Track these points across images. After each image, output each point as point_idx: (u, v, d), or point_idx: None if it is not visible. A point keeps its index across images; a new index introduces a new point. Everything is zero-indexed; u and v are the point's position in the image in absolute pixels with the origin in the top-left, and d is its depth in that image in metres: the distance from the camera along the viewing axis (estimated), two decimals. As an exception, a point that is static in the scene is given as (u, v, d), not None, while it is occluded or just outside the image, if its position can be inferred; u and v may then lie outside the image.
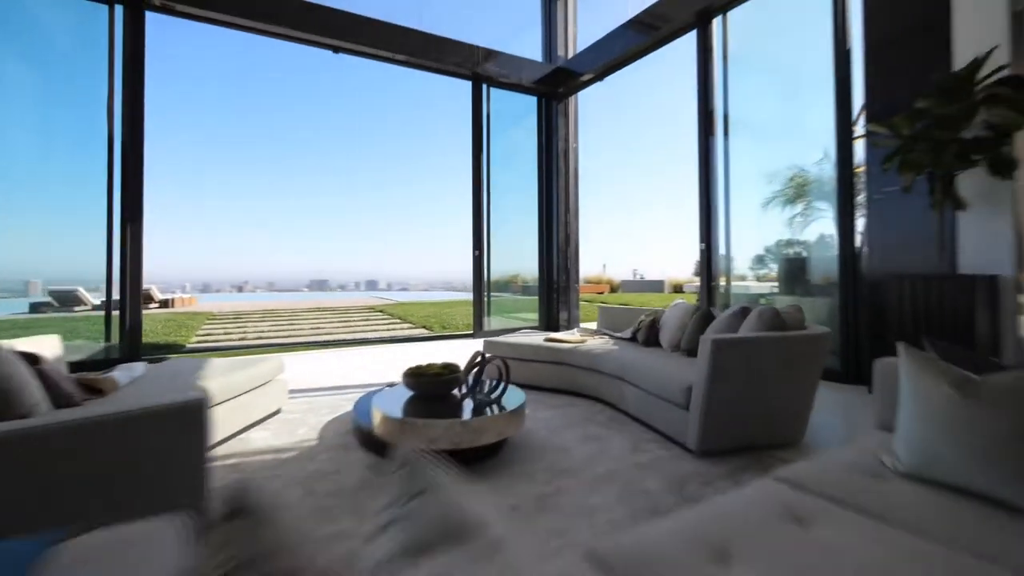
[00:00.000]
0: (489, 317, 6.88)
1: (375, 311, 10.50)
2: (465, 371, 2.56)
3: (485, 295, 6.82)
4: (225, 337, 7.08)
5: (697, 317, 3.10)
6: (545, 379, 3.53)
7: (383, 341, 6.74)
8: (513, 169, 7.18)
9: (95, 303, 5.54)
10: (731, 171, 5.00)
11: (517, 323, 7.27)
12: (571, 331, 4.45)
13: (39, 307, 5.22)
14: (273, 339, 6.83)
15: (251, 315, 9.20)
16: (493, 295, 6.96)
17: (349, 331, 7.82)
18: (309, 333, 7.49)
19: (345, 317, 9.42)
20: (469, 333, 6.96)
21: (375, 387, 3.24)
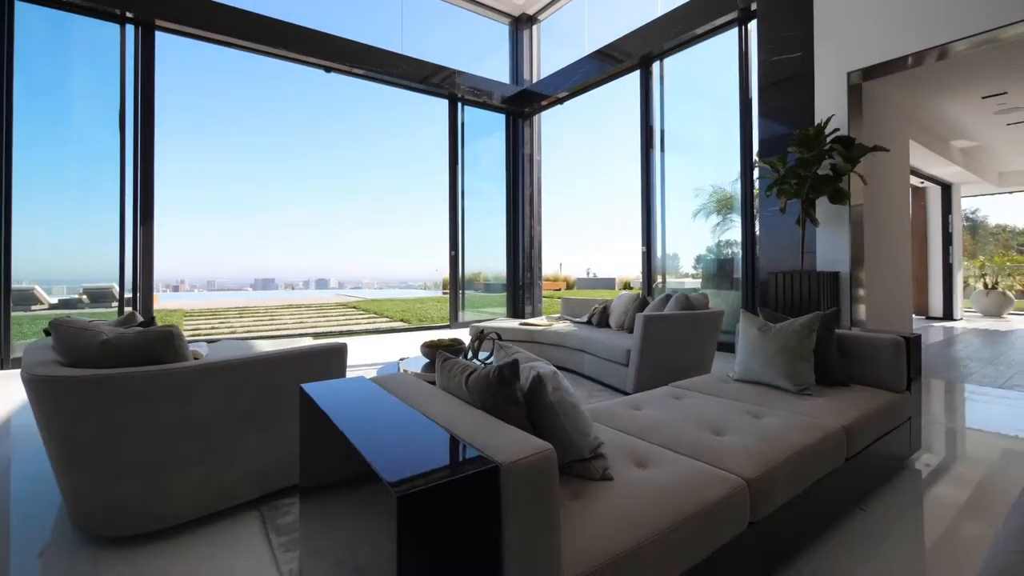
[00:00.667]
0: (463, 311, 7.75)
1: (348, 307, 11.04)
2: (470, 345, 3.44)
3: (460, 291, 7.67)
4: (214, 332, 7.50)
5: (636, 303, 4.14)
6: (521, 354, 4.47)
7: (368, 332, 7.44)
8: (483, 178, 8.06)
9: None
10: (669, 187, 6.15)
11: (487, 316, 8.16)
12: (539, 317, 5.41)
13: (72, 304, 5.58)
14: (261, 333, 7.34)
15: (228, 312, 9.52)
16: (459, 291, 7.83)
17: (332, 325, 8.41)
18: (293, 327, 8.02)
19: (322, 312, 9.94)
20: (446, 324, 7.80)
21: (383, 365, 4.04)
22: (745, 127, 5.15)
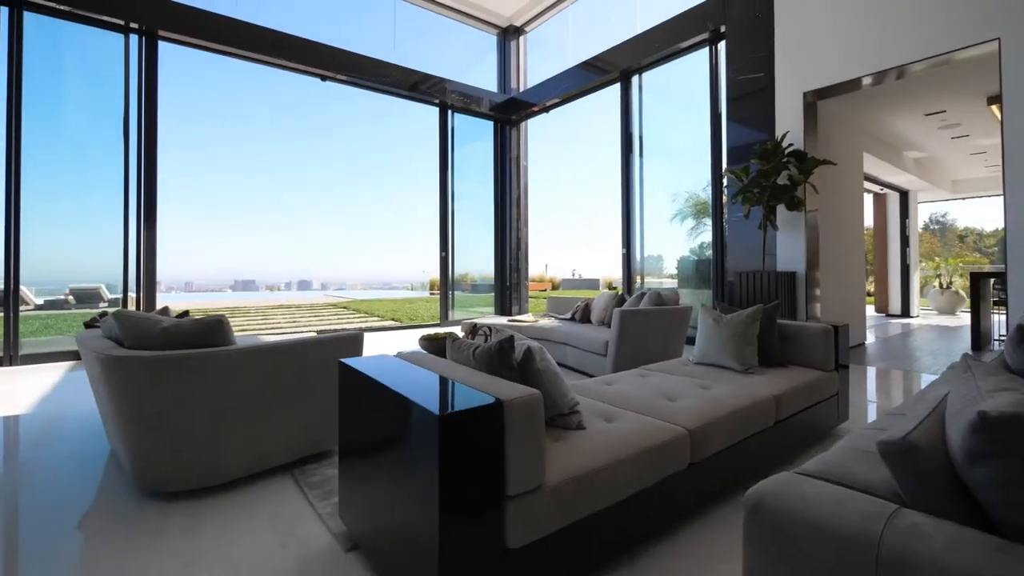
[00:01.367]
0: (453, 310, 8.08)
1: (339, 307, 11.28)
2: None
3: (450, 291, 8.01)
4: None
5: (615, 301, 4.55)
6: (510, 348, 4.84)
7: (362, 330, 7.71)
8: (472, 183, 8.41)
9: (112, 298, 6.08)
10: (649, 193, 6.58)
11: (476, 314, 8.51)
12: (526, 315, 5.79)
13: (58, 304, 5.74)
14: (259, 331, 7.56)
15: (219, 312, 9.70)
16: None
17: (326, 324, 8.66)
18: (287, 326, 8.25)
19: (314, 312, 10.17)
20: (436, 323, 8.13)
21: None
22: (715, 139, 5.60)
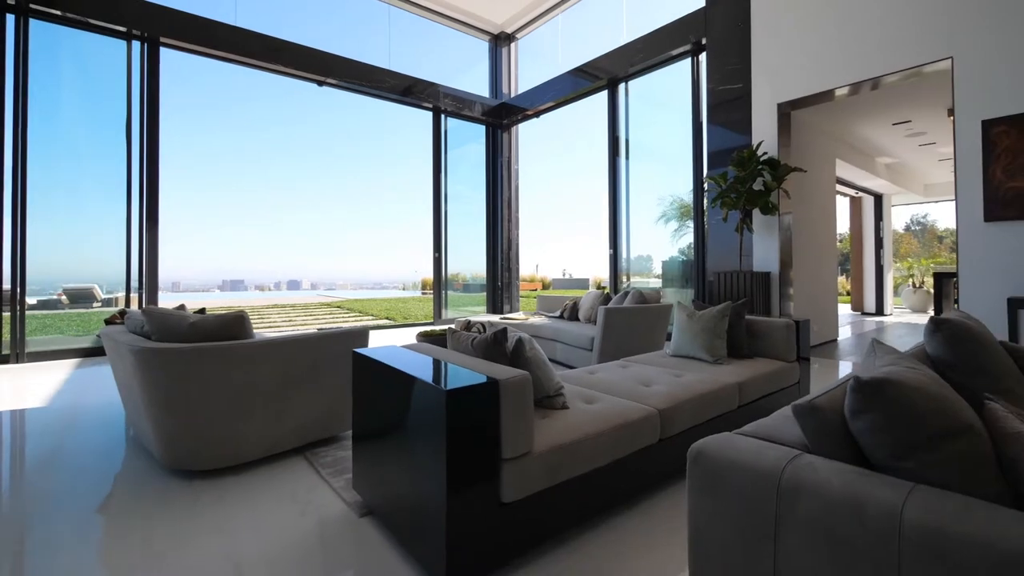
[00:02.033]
0: (447, 309, 8.30)
1: (333, 306, 11.42)
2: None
3: (443, 290, 8.22)
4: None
5: (601, 299, 4.81)
6: (502, 344, 5.08)
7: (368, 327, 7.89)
8: (464, 185, 8.63)
9: (105, 298, 6.20)
10: (637, 196, 6.86)
11: (469, 313, 8.73)
12: (518, 313, 6.03)
13: (51, 304, 5.83)
14: (257, 330, 7.70)
15: (215, 311, 9.79)
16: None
17: (322, 322, 8.82)
18: (284, 325, 8.40)
19: (309, 311, 10.31)
20: (430, 322, 8.33)
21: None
22: (697, 145, 5.89)
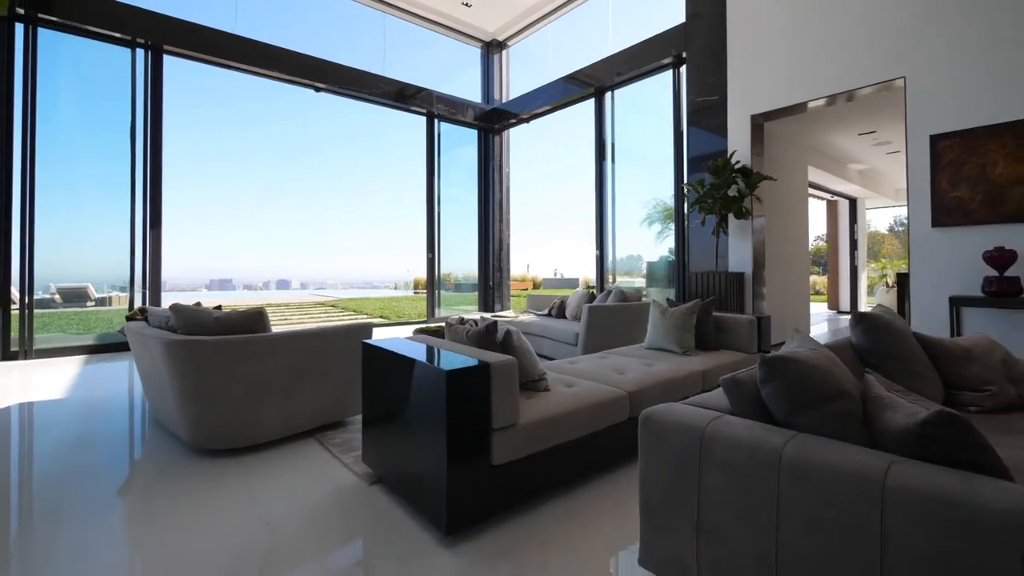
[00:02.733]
0: (440, 307, 8.57)
1: (327, 305, 11.62)
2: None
3: (436, 290, 8.49)
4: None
5: (586, 298, 5.12)
6: (493, 341, 5.37)
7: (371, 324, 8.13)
8: (457, 188, 8.90)
9: (99, 297, 6.39)
10: (623, 199, 7.18)
11: (461, 311, 9.01)
12: (508, 311, 6.32)
13: (45, 303, 6.00)
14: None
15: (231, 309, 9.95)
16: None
17: (318, 321, 9.03)
18: (281, 324, 8.60)
19: (303, 310, 10.50)
20: (423, 320, 8.59)
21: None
22: (678, 151, 6.23)
